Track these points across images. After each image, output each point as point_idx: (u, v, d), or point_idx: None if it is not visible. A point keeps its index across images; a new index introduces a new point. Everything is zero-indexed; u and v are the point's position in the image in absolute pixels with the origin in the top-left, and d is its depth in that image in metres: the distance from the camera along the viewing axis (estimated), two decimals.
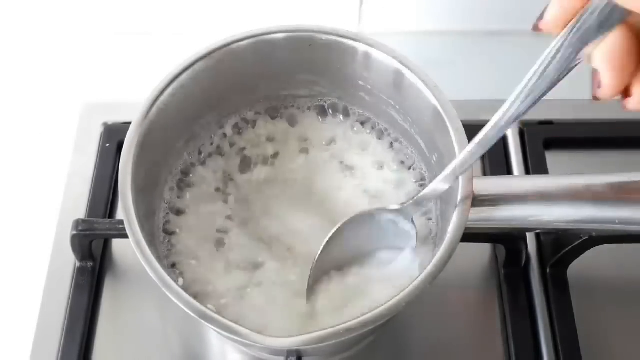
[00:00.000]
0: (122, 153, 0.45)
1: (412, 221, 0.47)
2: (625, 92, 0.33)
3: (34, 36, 0.74)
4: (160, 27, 0.74)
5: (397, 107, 0.52)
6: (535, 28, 0.34)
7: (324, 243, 0.48)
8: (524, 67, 0.76)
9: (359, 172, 0.54)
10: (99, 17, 0.73)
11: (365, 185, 0.54)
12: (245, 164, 0.55)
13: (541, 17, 0.34)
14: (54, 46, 0.74)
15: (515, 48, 0.73)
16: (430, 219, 0.51)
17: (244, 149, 0.55)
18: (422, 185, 0.53)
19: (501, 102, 0.68)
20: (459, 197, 0.43)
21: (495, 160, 0.64)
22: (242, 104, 0.56)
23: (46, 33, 0.74)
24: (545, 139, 0.65)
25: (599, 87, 0.33)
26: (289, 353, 0.48)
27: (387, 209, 0.47)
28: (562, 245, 0.56)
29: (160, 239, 0.50)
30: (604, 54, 0.32)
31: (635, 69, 0.32)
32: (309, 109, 0.57)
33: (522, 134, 0.66)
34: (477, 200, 0.44)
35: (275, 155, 0.55)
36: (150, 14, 0.72)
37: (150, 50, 0.73)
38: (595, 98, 0.33)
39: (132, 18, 0.73)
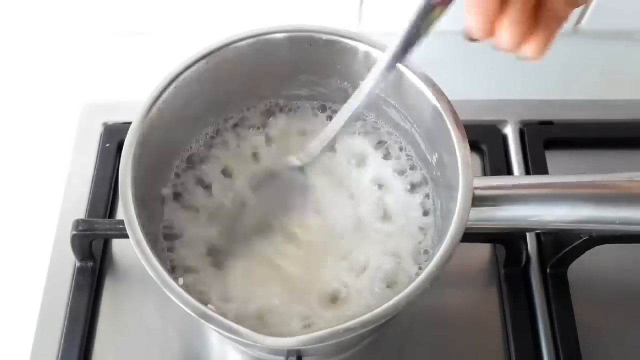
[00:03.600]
0: (122, 153, 0.45)
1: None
2: (491, 34, 0.39)
3: (34, 36, 0.74)
4: (159, 27, 0.74)
5: (397, 107, 0.52)
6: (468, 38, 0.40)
7: None
8: (524, 67, 0.76)
9: (358, 169, 0.54)
10: (99, 17, 0.73)
11: (364, 180, 0.54)
12: (246, 163, 0.55)
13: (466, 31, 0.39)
14: (54, 46, 0.74)
15: None
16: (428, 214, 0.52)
17: (244, 148, 0.55)
18: (420, 186, 0.53)
19: (501, 102, 0.69)
20: (460, 197, 0.43)
21: (495, 160, 0.64)
22: (242, 104, 0.56)
23: (46, 33, 0.74)
24: (545, 139, 0.65)
25: (468, 29, 0.39)
26: (289, 353, 0.48)
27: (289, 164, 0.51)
28: (562, 245, 0.56)
29: (161, 238, 0.51)
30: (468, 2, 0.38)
31: (496, 14, 0.38)
32: (309, 108, 0.57)
33: (522, 134, 0.66)
34: (478, 200, 0.44)
35: (276, 154, 0.55)
36: (150, 14, 0.72)
37: (150, 50, 0.73)
38: (468, 38, 0.39)
39: (131, 18, 0.73)
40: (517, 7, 0.37)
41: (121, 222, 0.44)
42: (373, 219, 0.52)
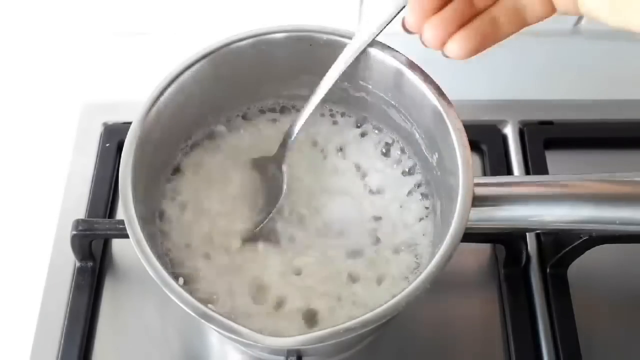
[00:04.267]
0: (122, 153, 0.45)
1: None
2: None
3: (34, 36, 0.74)
4: (160, 27, 0.74)
5: (398, 106, 0.52)
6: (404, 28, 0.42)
7: None
8: (524, 67, 0.77)
9: (356, 168, 0.54)
10: (99, 17, 0.73)
11: (364, 180, 0.54)
12: (245, 163, 0.55)
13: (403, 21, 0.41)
14: (54, 46, 0.74)
15: (516, 48, 0.73)
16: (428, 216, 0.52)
17: (244, 148, 0.55)
18: (420, 186, 0.54)
19: (501, 102, 0.69)
20: (459, 197, 0.43)
21: (495, 160, 0.64)
22: (242, 104, 0.56)
23: (46, 33, 0.74)
24: (545, 139, 0.65)
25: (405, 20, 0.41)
26: (289, 353, 0.48)
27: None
28: (562, 245, 0.56)
29: (160, 238, 0.50)
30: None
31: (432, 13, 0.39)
32: None
33: (522, 134, 0.66)
34: (478, 200, 0.44)
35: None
36: (150, 14, 0.72)
37: (150, 50, 0.73)
38: (403, 28, 0.41)
39: (131, 18, 0.73)
40: (450, 7, 0.39)
41: (121, 222, 0.44)
42: (372, 218, 0.52)
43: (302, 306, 0.48)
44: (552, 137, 0.65)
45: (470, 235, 0.44)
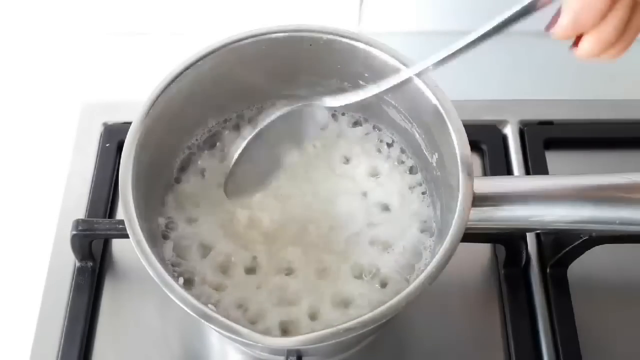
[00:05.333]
0: (122, 153, 0.45)
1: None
2: (576, 40, 0.37)
3: (34, 36, 0.74)
4: (159, 27, 0.74)
5: (398, 106, 0.52)
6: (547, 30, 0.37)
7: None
8: (524, 67, 0.76)
9: (357, 168, 0.54)
10: (99, 17, 0.73)
11: (363, 179, 0.54)
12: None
13: (553, 22, 0.37)
14: (54, 46, 0.74)
15: (515, 48, 0.74)
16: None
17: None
18: (420, 186, 0.54)
19: (501, 102, 0.69)
20: (460, 197, 0.43)
21: (495, 160, 0.64)
22: (242, 104, 0.56)
23: (46, 33, 0.74)
24: (545, 139, 0.65)
25: (556, 23, 0.37)
26: (289, 353, 0.48)
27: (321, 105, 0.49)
28: (562, 245, 0.56)
29: (161, 238, 0.51)
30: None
31: (594, 23, 0.35)
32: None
33: (522, 134, 0.66)
34: (478, 201, 0.44)
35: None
36: (150, 14, 0.73)
37: (150, 50, 0.73)
38: (547, 30, 0.38)
39: (131, 18, 0.73)
40: (610, 25, 0.36)
41: (121, 222, 0.44)
42: (372, 218, 0.52)
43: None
44: (552, 137, 0.65)
45: (470, 235, 0.44)
